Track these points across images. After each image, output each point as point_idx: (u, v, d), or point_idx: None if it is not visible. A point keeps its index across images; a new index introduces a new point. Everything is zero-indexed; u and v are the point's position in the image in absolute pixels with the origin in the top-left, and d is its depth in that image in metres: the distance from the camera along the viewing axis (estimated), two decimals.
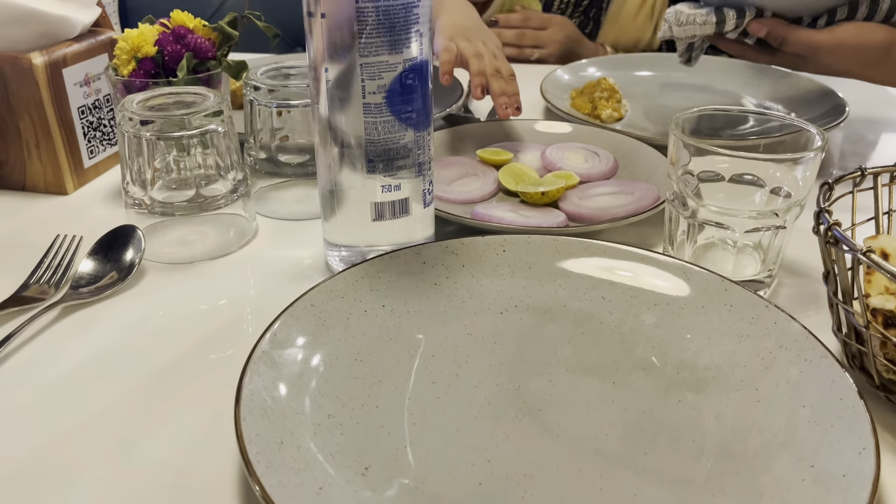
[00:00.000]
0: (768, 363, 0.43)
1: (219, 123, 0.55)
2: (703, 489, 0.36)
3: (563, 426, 0.40)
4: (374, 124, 0.48)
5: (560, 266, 0.51)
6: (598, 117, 0.81)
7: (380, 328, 0.46)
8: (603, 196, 0.62)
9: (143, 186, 0.55)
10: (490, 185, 0.65)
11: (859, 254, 0.37)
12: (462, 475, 0.36)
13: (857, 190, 0.48)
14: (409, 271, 0.50)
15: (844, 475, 0.34)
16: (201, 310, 0.51)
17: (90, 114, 0.67)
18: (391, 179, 0.50)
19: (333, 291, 0.47)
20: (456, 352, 0.45)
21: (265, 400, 0.38)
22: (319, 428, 0.38)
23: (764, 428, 0.39)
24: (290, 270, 0.56)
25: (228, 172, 0.57)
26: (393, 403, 0.41)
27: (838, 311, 0.44)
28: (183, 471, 0.38)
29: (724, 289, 0.47)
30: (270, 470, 0.34)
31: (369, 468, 0.36)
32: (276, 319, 0.43)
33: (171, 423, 0.41)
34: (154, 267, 0.56)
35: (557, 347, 0.46)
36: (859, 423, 0.36)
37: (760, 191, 0.52)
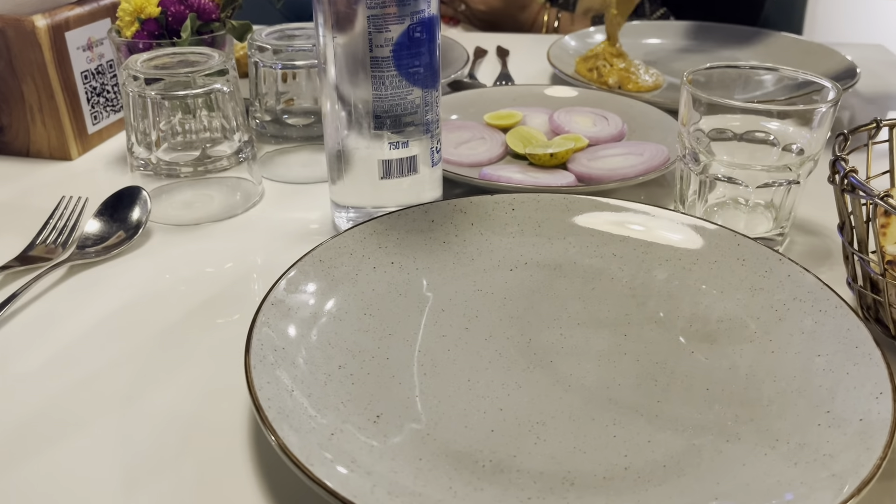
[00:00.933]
0: (782, 315, 0.42)
1: (224, 83, 0.54)
2: (718, 435, 0.35)
3: (575, 377, 0.39)
4: (381, 79, 0.47)
5: (570, 223, 0.51)
6: (605, 83, 0.80)
7: (389, 284, 0.46)
8: (612, 157, 0.61)
9: (149, 147, 0.54)
10: (498, 148, 0.64)
11: (877, 198, 0.37)
12: (474, 422, 0.36)
13: (871, 142, 0.47)
14: (417, 229, 0.49)
15: (861, 419, 0.34)
16: (208, 272, 0.51)
17: (93, 79, 0.66)
18: (399, 137, 0.49)
19: (342, 248, 0.46)
20: (466, 306, 0.45)
21: (275, 350, 0.38)
22: (330, 378, 0.38)
23: (778, 376, 0.38)
24: (297, 232, 0.56)
25: (234, 134, 0.56)
26: (403, 355, 0.41)
27: (853, 262, 0.43)
28: (192, 421, 0.38)
29: (737, 243, 0.47)
30: (281, 416, 0.33)
31: (381, 416, 0.36)
32: (286, 272, 0.43)
33: (180, 376, 0.41)
34: (160, 228, 0.55)
35: (568, 302, 0.45)
36: (876, 370, 0.36)
37: (773, 148, 0.51)
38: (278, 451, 0.31)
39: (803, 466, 0.32)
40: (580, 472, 0.33)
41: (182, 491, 0.34)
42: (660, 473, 0.33)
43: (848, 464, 0.31)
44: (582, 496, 0.32)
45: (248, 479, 0.35)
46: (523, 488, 0.32)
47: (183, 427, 0.38)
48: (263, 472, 0.35)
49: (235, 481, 0.35)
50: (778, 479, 0.32)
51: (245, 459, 0.36)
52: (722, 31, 0.95)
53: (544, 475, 0.33)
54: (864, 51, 0.99)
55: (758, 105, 0.48)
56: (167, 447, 0.37)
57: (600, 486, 0.33)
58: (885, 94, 0.85)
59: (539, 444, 0.35)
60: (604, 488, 0.32)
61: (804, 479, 0.31)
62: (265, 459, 0.36)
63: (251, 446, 0.37)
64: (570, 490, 0.32)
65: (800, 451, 0.33)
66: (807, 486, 0.31)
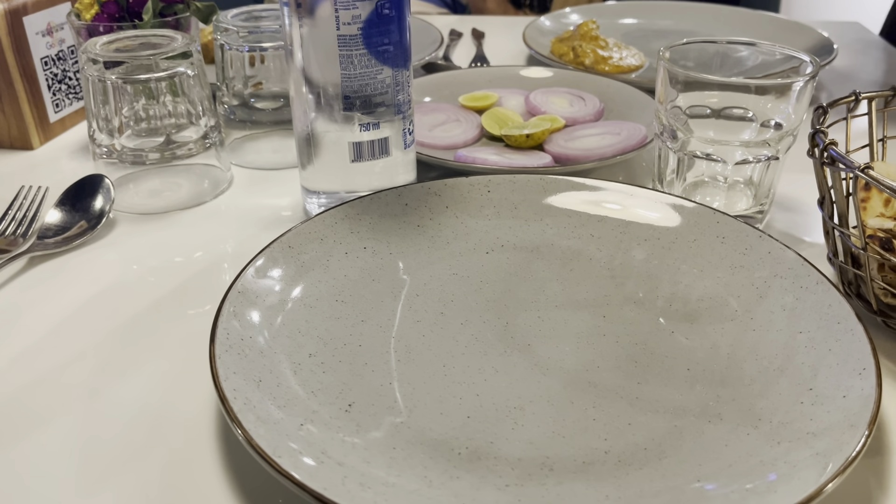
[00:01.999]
0: (763, 292, 0.41)
1: (188, 66, 0.52)
2: (700, 416, 0.34)
3: (554, 360, 0.38)
4: (350, 58, 0.45)
5: (547, 205, 0.50)
6: (581, 64, 0.79)
7: (361, 269, 0.44)
8: (589, 137, 0.60)
9: (111, 134, 0.53)
10: (473, 130, 0.63)
11: (857, 171, 0.36)
12: (450, 409, 0.35)
13: (851, 116, 0.46)
14: (390, 213, 0.48)
15: (845, 396, 0.33)
16: (177, 262, 0.49)
17: (54, 65, 0.64)
18: (369, 118, 0.48)
19: (312, 233, 0.45)
20: (441, 291, 0.44)
21: (241, 339, 0.36)
22: (300, 367, 0.37)
23: (760, 355, 0.38)
24: (268, 219, 0.54)
25: (200, 119, 0.55)
26: (377, 342, 0.39)
27: (834, 237, 0.42)
28: (159, 415, 0.37)
29: (716, 221, 0.46)
30: (248, 407, 0.32)
31: (353, 404, 0.35)
32: (253, 259, 0.41)
33: (147, 369, 0.40)
34: (125, 217, 0.54)
35: (546, 285, 0.44)
36: (858, 345, 0.35)
37: (751, 125, 0.50)
38: (244, 444, 0.30)
39: (786, 445, 0.31)
40: (559, 457, 0.32)
41: (147, 486, 0.33)
42: (641, 456, 0.32)
43: (832, 442, 0.30)
44: (561, 481, 0.31)
45: (215, 473, 0.33)
46: (501, 475, 0.31)
47: (149, 421, 0.36)
48: (232, 467, 0.34)
49: (203, 476, 0.33)
50: (761, 458, 0.31)
51: (213, 453, 0.34)
52: (700, 10, 0.94)
53: (522, 461, 0.32)
54: (840, 28, 0.99)
55: (735, 79, 0.47)
56: (132, 442, 0.35)
57: (580, 471, 0.32)
58: (862, 71, 0.85)
59: (517, 430, 0.34)
60: (583, 473, 0.31)
61: (787, 458, 0.30)
62: (234, 453, 0.34)
63: (219, 440, 0.35)
64: (549, 476, 0.31)
65: (783, 429, 0.32)
66: (790, 466, 0.30)
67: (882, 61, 0.89)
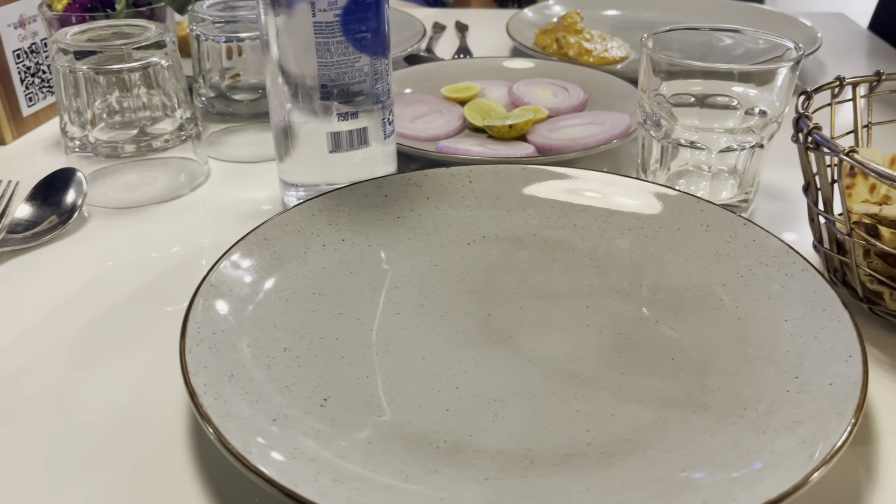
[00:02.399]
0: (748, 280, 0.41)
1: (162, 56, 0.51)
2: (685, 405, 0.34)
3: (536, 351, 0.37)
4: (326, 45, 0.44)
5: (529, 195, 0.49)
6: (565, 55, 0.78)
7: (339, 262, 0.43)
8: (573, 127, 0.59)
9: (83, 127, 0.51)
10: (455, 122, 0.62)
11: (842, 154, 0.35)
12: (428, 402, 0.34)
13: (835, 102, 0.46)
14: (370, 205, 0.47)
15: (831, 383, 0.32)
16: (153, 257, 0.48)
17: (27, 58, 0.63)
18: (347, 107, 0.47)
19: (289, 225, 0.44)
20: (422, 283, 0.43)
21: (213, 333, 0.35)
22: (274, 361, 0.36)
23: (745, 343, 0.37)
24: (247, 213, 0.53)
25: (175, 111, 0.53)
26: (354, 335, 0.38)
27: (819, 224, 0.42)
28: (130, 413, 0.36)
29: (700, 209, 0.45)
30: (219, 402, 0.31)
31: (329, 399, 0.34)
32: (228, 252, 0.40)
33: (119, 367, 0.39)
34: (99, 212, 0.52)
35: (528, 275, 0.43)
36: (844, 332, 0.34)
37: (736, 112, 0.50)
38: (213, 439, 0.29)
39: (772, 434, 0.30)
40: (541, 450, 0.31)
41: (116, 486, 0.32)
42: (625, 447, 0.32)
43: (818, 429, 0.30)
44: (543, 474, 0.30)
45: (188, 473, 0.32)
46: (480, 468, 0.30)
47: (119, 419, 0.35)
48: (205, 466, 0.33)
49: (174, 475, 0.32)
50: (747, 448, 0.30)
51: (185, 453, 0.33)
52: (685, 1, 0.94)
53: (503, 454, 0.31)
54: (825, 20, 0.98)
55: (718, 65, 0.46)
56: (101, 441, 0.34)
57: (562, 463, 0.31)
58: (848, 62, 0.84)
59: (497, 422, 0.33)
60: (566, 465, 0.31)
61: (774, 447, 0.30)
62: (207, 452, 0.33)
63: (192, 439, 0.34)
64: (530, 468, 0.30)
65: (768, 418, 0.32)
66: (776, 454, 0.29)
67: (867, 52, 0.88)
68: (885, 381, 0.37)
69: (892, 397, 0.36)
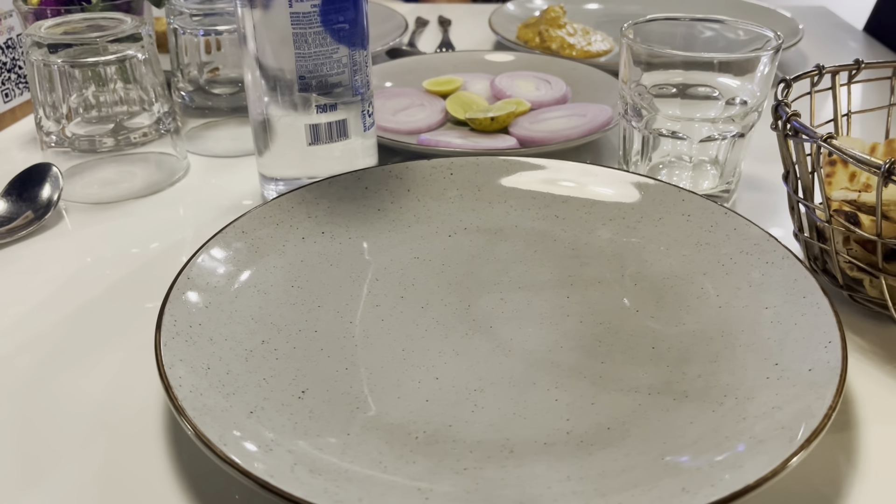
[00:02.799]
0: (729, 269, 0.41)
1: (138, 49, 0.50)
2: (665, 393, 0.34)
3: (516, 341, 0.37)
4: (304, 36, 0.44)
5: (510, 187, 0.48)
6: (548, 49, 0.78)
7: (319, 255, 0.43)
8: (555, 119, 0.59)
9: (59, 121, 0.51)
10: (437, 115, 0.61)
11: (820, 140, 0.35)
12: (408, 393, 0.34)
13: (814, 90, 0.46)
14: (350, 197, 0.47)
15: (811, 369, 0.32)
16: (133, 252, 0.48)
17: (2, 53, 0.62)
18: (326, 99, 0.46)
19: (267, 218, 0.43)
20: (402, 275, 0.42)
21: (190, 326, 0.35)
22: (252, 354, 0.35)
23: (726, 331, 0.37)
24: (227, 207, 0.52)
25: (152, 105, 0.53)
26: (333, 327, 0.38)
27: (799, 212, 0.42)
28: (105, 408, 0.35)
29: (682, 199, 0.45)
30: (194, 394, 0.31)
31: (307, 391, 0.34)
32: (204, 245, 0.40)
33: (96, 362, 0.38)
34: (77, 208, 0.52)
35: (509, 266, 0.43)
36: (824, 318, 0.34)
37: (717, 102, 0.50)
38: (189, 432, 0.28)
39: (752, 420, 0.30)
40: (520, 439, 0.31)
41: (88, 481, 0.31)
42: (604, 436, 0.31)
43: (797, 415, 0.29)
44: (521, 463, 0.30)
45: (164, 468, 0.32)
46: (459, 458, 0.30)
47: (93, 415, 0.35)
48: (181, 460, 0.32)
49: (149, 471, 0.32)
50: (727, 434, 0.30)
51: (160, 445, 0.33)
52: None
53: (482, 444, 0.31)
54: (806, 12, 0.99)
55: (699, 54, 0.46)
56: (74, 436, 0.33)
57: (541, 452, 0.30)
58: (828, 54, 0.84)
59: (477, 412, 0.33)
60: (545, 454, 0.30)
61: (753, 433, 0.29)
62: (184, 448, 0.33)
63: (168, 435, 0.34)
64: (509, 458, 0.30)
65: (748, 405, 0.32)
66: (756, 440, 0.29)
67: (848, 45, 0.89)
68: (866, 369, 0.37)
69: (872, 384, 0.36)
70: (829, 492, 0.31)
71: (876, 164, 0.33)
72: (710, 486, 0.27)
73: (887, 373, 0.37)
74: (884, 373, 0.37)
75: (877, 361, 0.38)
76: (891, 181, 0.32)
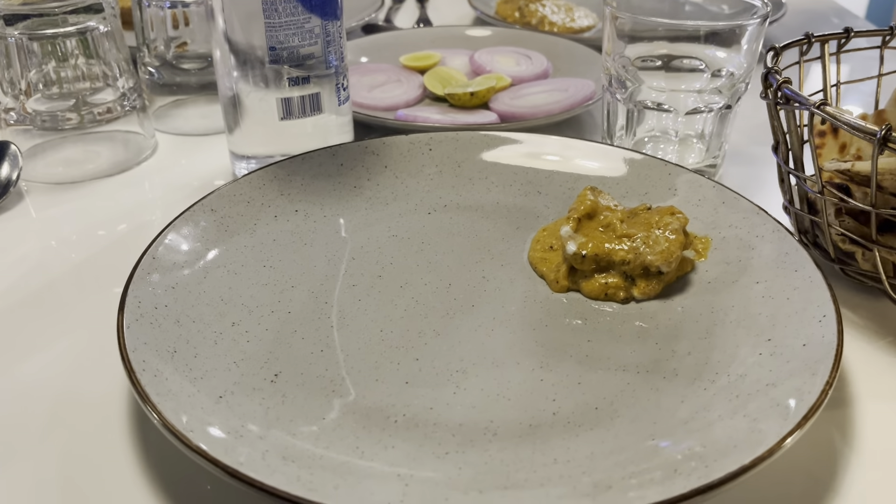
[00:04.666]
0: (717, 243, 0.39)
1: (99, 21, 0.48)
2: (654, 372, 0.32)
3: (499, 320, 0.36)
4: (273, 5, 0.42)
5: (491, 162, 0.47)
6: (528, 24, 0.76)
7: (292, 234, 0.41)
8: (536, 94, 0.57)
9: (17, 98, 0.48)
10: (415, 91, 0.60)
11: (812, 108, 0.34)
12: (386, 375, 0.32)
13: (803, 60, 0.44)
14: (324, 174, 0.45)
15: (805, 344, 0.31)
16: (99, 235, 0.46)
17: None
18: (298, 71, 0.44)
19: (238, 195, 0.42)
20: (379, 254, 0.41)
21: (155, 308, 0.33)
22: (221, 336, 0.33)
23: (716, 307, 0.36)
24: (197, 187, 0.50)
25: (117, 80, 0.50)
26: (307, 308, 0.36)
27: (789, 184, 0.41)
28: (64, 394, 0.33)
29: (668, 173, 0.44)
30: (159, 379, 0.29)
31: (279, 374, 0.32)
32: (172, 223, 0.38)
33: (57, 346, 0.36)
34: (39, 188, 0.49)
35: (491, 244, 0.42)
36: (818, 292, 0.33)
37: (703, 75, 0.48)
38: (153, 419, 0.27)
39: (745, 398, 0.29)
40: (504, 421, 0.30)
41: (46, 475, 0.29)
42: (591, 416, 0.30)
43: (792, 392, 0.28)
44: (506, 447, 0.28)
45: (127, 457, 0.30)
46: (440, 442, 0.29)
47: (51, 402, 0.33)
48: (147, 450, 0.30)
49: (111, 459, 0.30)
50: (719, 413, 0.29)
51: (124, 435, 0.31)
52: None
53: (464, 426, 0.29)
54: None
55: (684, 22, 0.45)
56: (29, 426, 0.31)
57: (526, 435, 0.29)
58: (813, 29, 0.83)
59: (459, 394, 0.31)
60: (530, 436, 0.29)
61: (747, 411, 0.28)
62: (150, 436, 0.31)
63: (132, 420, 0.32)
64: (492, 441, 0.29)
65: (741, 382, 0.30)
66: (749, 419, 0.28)
67: (833, 19, 0.88)
68: (859, 344, 0.36)
69: (866, 359, 0.35)
70: (822, 472, 0.30)
71: (871, 130, 0.31)
72: (703, 467, 0.26)
73: (880, 348, 0.36)
74: (877, 348, 0.36)
75: (870, 336, 0.37)
76: (887, 148, 0.31)
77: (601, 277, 0.37)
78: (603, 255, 0.37)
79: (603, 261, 0.37)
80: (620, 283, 0.36)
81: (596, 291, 0.37)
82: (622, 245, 0.37)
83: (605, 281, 0.36)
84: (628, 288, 0.37)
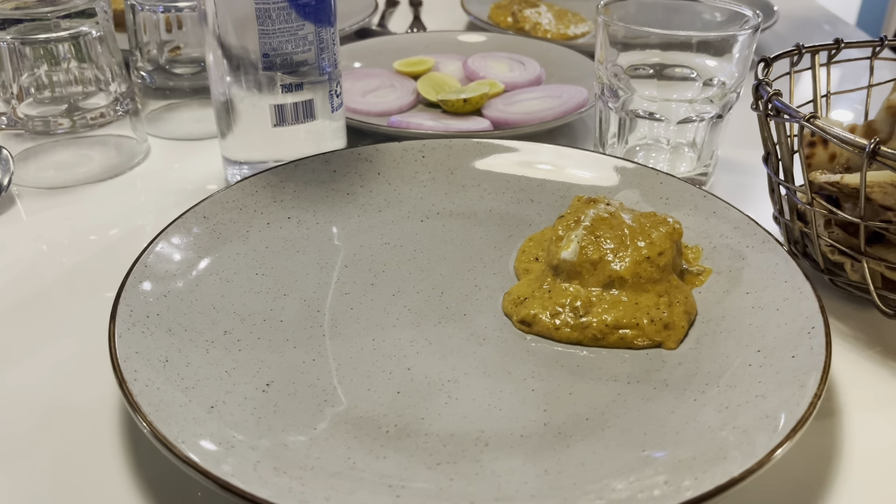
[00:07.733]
0: (708, 253, 0.40)
1: (92, 25, 0.48)
2: (644, 382, 0.32)
3: (491, 329, 0.36)
4: (267, 12, 0.42)
5: (484, 170, 0.47)
6: (521, 30, 0.77)
7: (285, 241, 0.41)
8: (529, 101, 0.57)
9: (8, 102, 0.48)
10: (408, 96, 0.60)
11: (802, 120, 0.34)
12: (378, 384, 0.32)
13: (794, 70, 0.45)
14: (317, 180, 0.45)
15: (794, 356, 0.31)
16: (90, 240, 0.45)
17: None
18: (292, 78, 0.44)
19: (230, 202, 0.42)
20: (372, 261, 0.41)
21: (147, 316, 0.33)
22: (213, 345, 0.33)
23: (706, 318, 0.36)
24: (190, 192, 0.50)
25: (109, 85, 0.50)
26: (300, 317, 0.36)
27: (779, 194, 0.41)
28: (55, 402, 0.33)
29: (660, 182, 0.44)
30: (150, 388, 0.29)
31: (271, 384, 0.32)
32: (162, 232, 0.38)
33: (48, 354, 0.36)
34: (30, 192, 0.49)
35: (483, 252, 0.42)
36: (807, 304, 0.33)
37: (694, 84, 0.48)
38: (143, 429, 0.27)
39: (734, 409, 0.29)
40: (495, 431, 0.30)
41: (36, 483, 0.29)
42: (583, 427, 0.30)
43: (781, 403, 0.28)
44: (497, 457, 0.29)
45: (118, 466, 0.30)
46: (432, 453, 0.29)
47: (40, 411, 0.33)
48: (138, 460, 0.30)
49: (103, 469, 0.30)
50: (709, 424, 0.29)
51: (116, 444, 0.31)
52: None
53: (455, 437, 0.30)
54: None
55: (677, 32, 0.45)
56: (20, 434, 0.31)
57: (517, 445, 0.29)
58: (806, 36, 0.84)
59: (450, 404, 0.31)
60: (521, 447, 0.29)
61: (736, 422, 0.28)
62: (141, 445, 0.31)
63: (123, 429, 0.32)
64: (483, 451, 0.29)
65: (730, 393, 0.31)
66: (739, 430, 0.28)
67: (824, 27, 0.88)
68: (848, 354, 0.37)
69: (854, 370, 0.36)
70: (811, 481, 0.30)
71: (860, 144, 0.32)
72: (693, 478, 0.26)
73: (869, 358, 0.36)
74: (865, 358, 0.36)
75: (859, 347, 0.37)
76: (875, 161, 0.31)
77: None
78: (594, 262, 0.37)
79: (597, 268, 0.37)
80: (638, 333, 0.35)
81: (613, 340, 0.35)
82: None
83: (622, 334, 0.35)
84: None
